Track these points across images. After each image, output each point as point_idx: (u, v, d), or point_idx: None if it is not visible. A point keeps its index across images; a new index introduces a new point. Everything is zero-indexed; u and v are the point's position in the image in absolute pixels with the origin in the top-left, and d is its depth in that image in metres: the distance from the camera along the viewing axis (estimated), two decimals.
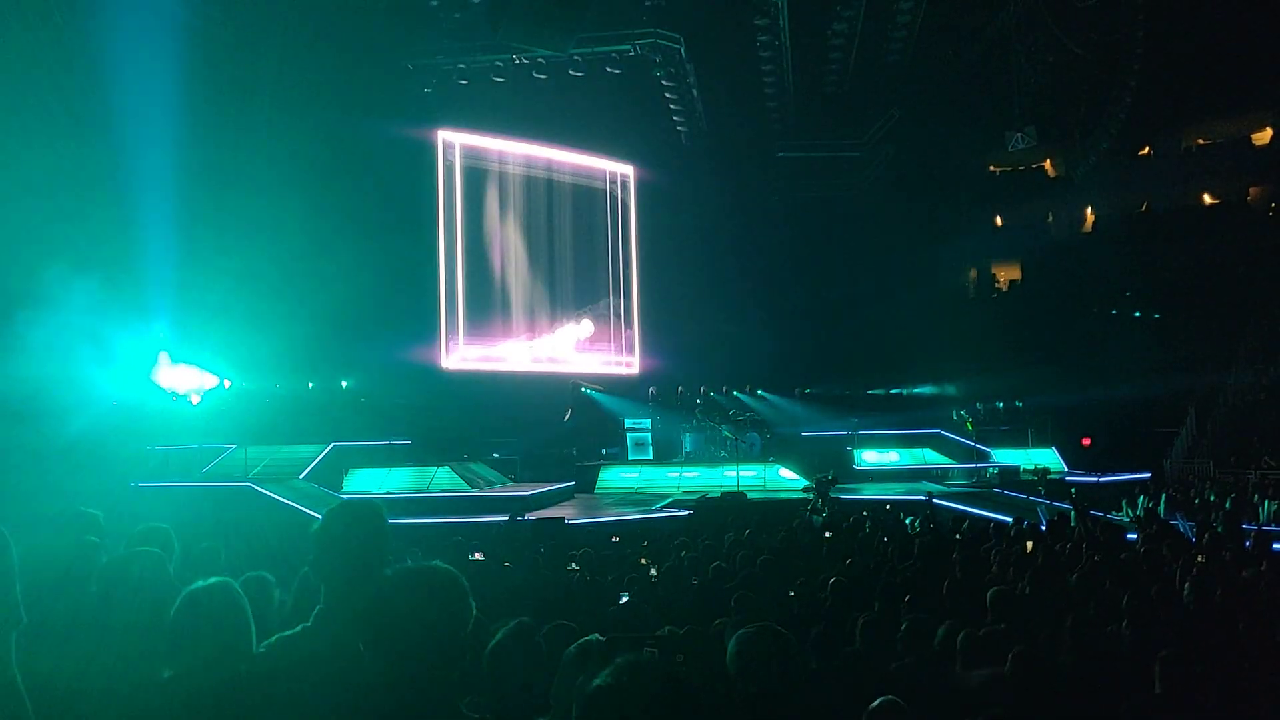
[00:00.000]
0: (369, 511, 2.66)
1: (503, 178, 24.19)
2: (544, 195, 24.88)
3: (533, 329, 24.17)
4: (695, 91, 25.19)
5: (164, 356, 17.30)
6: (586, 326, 25.00)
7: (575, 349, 24.84)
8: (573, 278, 25.19)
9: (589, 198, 25.74)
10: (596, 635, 2.15)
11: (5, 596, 2.39)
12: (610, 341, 25.71)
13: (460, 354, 22.72)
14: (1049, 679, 3.99)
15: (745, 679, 2.57)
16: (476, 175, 23.76)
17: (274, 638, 2.51)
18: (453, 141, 23.24)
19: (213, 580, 2.61)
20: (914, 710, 3.36)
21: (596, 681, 1.61)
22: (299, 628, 2.51)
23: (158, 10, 17.32)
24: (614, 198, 26.14)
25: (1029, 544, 9.36)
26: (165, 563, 3.24)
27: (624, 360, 25.83)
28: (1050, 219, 33.64)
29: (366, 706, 2.08)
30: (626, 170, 26.22)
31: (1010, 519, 12.91)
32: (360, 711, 2.10)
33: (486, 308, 23.46)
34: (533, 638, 3.48)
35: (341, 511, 2.65)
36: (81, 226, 15.36)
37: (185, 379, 17.72)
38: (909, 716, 2.80)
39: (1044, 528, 11.39)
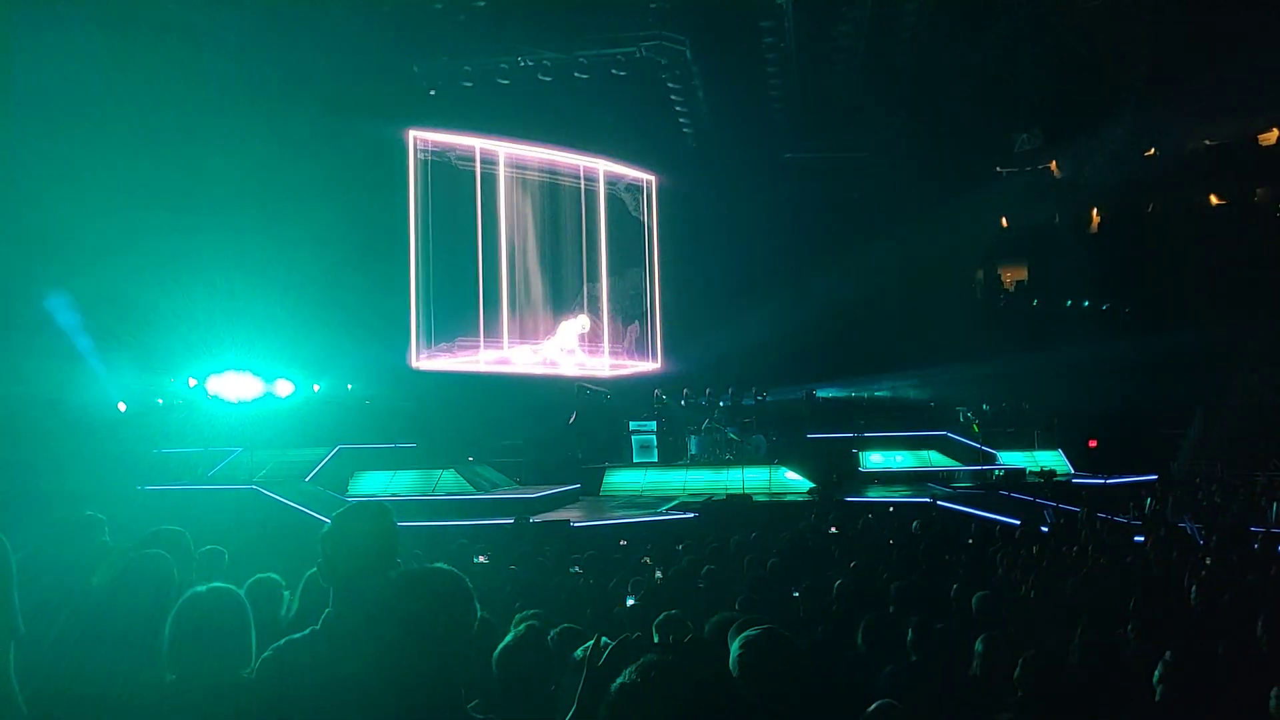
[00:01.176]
0: (379, 514, 2.66)
1: (507, 179, 24.20)
2: (550, 197, 24.88)
3: (537, 331, 24.18)
4: (701, 94, 25.18)
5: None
6: (584, 322, 25.01)
7: (578, 351, 24.86)
8: (576, 280, 25.22)
9: (593, 200, 25.76)
10: (605, 638, 2.16)
11: (3, 607, 2.38)
12: (614, 344, 25.72)
13: (466, 357, 22.73)
14: (1058, 684, 3.98)
15: (748, 682, 2.57)
16: (482, 177, 23.78)
17: (282, 640, 2.51)
18: (456, 144, 23.26)
19: (215, 584, 2.60)
20: (915, 713, 3.36)
21: (620, 680, 1.62)
22: (307, 630, 2.50)
23: (165, 13, 17.42)
24: (620, 200, 26.17)
25: (1035, 547, 9.34)
26: (170, 565, 3.25)
27: (628, 363, 25.84)
28: (1057, 220, 33.55)
29: (374, 710, 2.08)
30: (633, 173, 26.24)
31: (1017, 521, 12.89)
32: (367, 715, 2.10)
33: (490, 310, 23.48)
34: (542, 640, 3.48)
35: (351, 514, 2.65)
36: (86, 229, 15.41)
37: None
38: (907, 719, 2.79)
39: (1049, 530, 11.38)
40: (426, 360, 22.15)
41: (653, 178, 26.63)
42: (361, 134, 20.74)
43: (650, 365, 26.12)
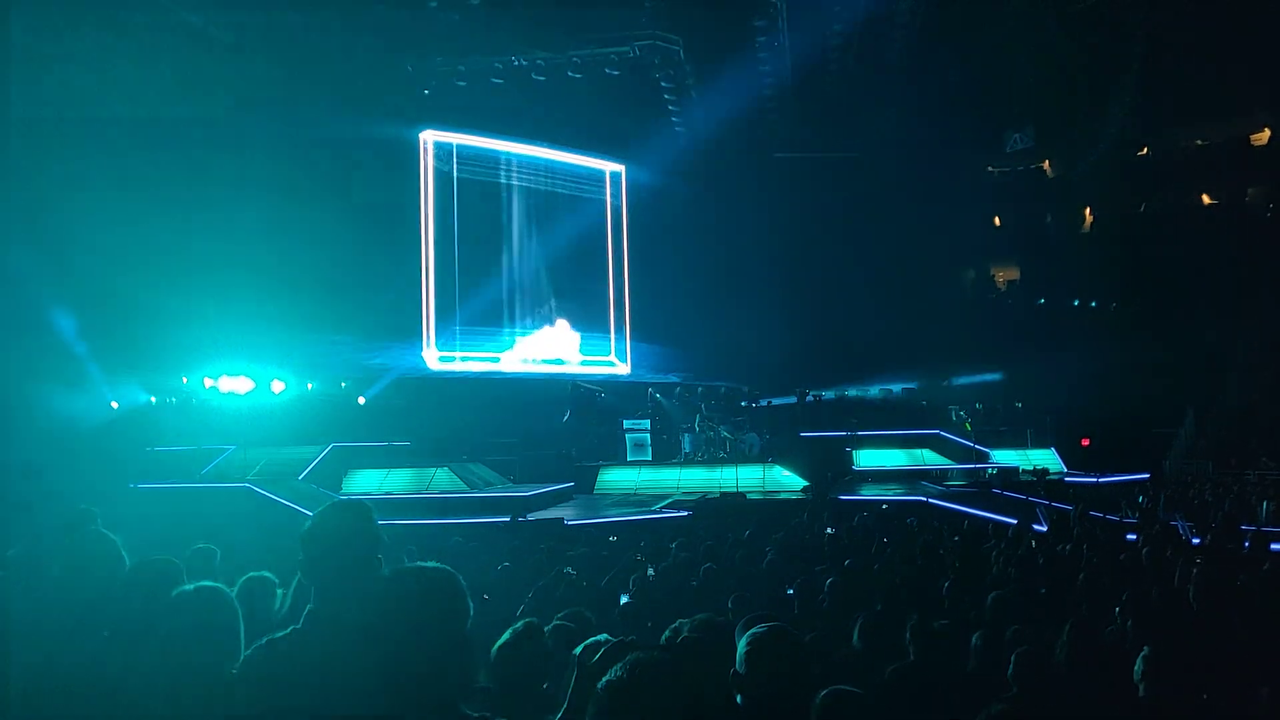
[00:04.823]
0: (358, 511, 2.65)
1: (502, 179, 24.18)
2: (543, 196, 24.87)
3: (532, 330, 24.15)
4: (694, 93, 25.17)
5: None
6: (566, 324, 25.07)
7: (573, 350, 24.84)
8: (571, 279, 25.20)
9: (588, 199, 25.74)
10: (606, 635, 2.16)
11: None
12: (610, 343, 25.70)
13: (459, 356, 22.70)
14: (1052, 681, 3.99)
15: (755, 679, 2.56)
16: (474, 177, 23.75)
17: (264, 639, 2.49)
18: (451, 142, 23.24)
19: (202, 584, 2.58)
20: (914, 711, 3.36)
21: (608, 677, 1.62)
22: (289, 629, 2.49)
23: (164, 10, 17.37)
24: (614, 199, 26.15)
25: (1031, 544, 9.36)
26: (118, 548, 3.23)
27: (624, 362, 25.82)
28: (1049, 219, 33.64)
29: (361, 708, 2.07)
30: (624, 171, 26.23)
31: (1012, 520, 12.90)
32: (355, 713, 2.09)
33: (483, 310, 23.44)
34: (539, 638, 3.48)
35: (330, 512, 2.64)
36: (84, 225, 15.36)
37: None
38: (855, 705, 2.75)
39: (1042, 528, 11.40)
40: (442, 363, 22.26)
41: (640, 175, 26.59)
42: (371, 135, 20.77)
43: (645, 364, 26.09)
